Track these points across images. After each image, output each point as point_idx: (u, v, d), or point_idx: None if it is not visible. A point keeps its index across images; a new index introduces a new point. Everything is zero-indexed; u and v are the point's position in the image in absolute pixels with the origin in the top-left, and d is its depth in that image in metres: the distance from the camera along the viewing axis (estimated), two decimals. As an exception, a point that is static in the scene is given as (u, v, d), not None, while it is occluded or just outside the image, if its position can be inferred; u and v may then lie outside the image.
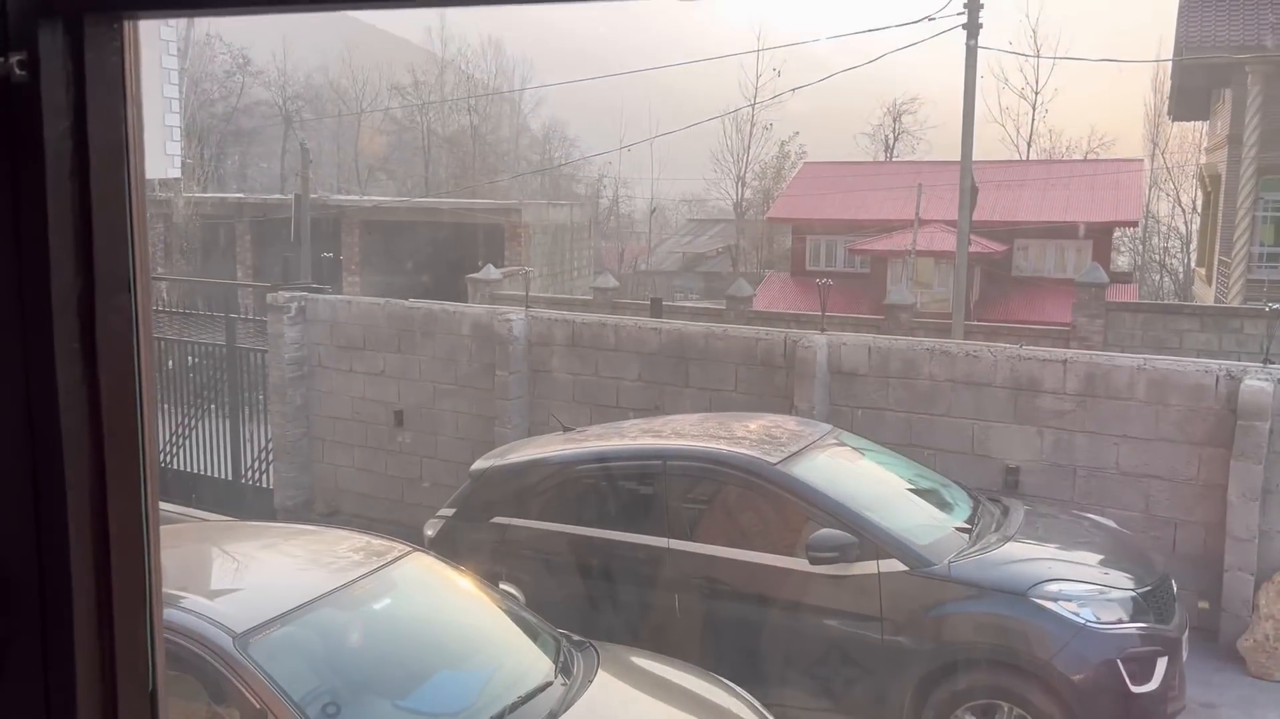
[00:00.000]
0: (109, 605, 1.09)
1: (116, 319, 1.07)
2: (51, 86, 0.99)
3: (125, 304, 1.07)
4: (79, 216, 1.02)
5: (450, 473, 9.88)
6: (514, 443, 7.87)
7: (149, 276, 1.10)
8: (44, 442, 1.03)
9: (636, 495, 6.30)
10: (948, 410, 7.97)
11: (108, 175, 1.04)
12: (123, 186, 1.06)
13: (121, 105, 1.05)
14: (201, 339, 12.08)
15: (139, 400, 1.10)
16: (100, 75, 1.02)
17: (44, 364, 1.02)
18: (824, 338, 8.32)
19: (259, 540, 5.35)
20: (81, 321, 1.04)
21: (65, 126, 1.00)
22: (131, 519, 1.09)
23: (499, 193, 37.23)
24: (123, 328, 1.07)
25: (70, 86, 1.00)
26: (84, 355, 1.04)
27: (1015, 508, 6.43)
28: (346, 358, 10.61)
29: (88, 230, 1.03)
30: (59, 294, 1.02)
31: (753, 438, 6.31)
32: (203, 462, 11.71)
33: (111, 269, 1.05)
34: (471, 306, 10.80)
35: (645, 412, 8.91)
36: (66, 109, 1.00)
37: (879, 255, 28.66)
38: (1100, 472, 7.53)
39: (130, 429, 1.09)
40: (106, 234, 1.05)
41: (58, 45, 0.99)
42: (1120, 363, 7.49)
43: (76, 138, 1.01)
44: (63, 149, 1.00)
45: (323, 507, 10.93)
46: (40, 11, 0.97)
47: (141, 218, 1.08)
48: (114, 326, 1.06)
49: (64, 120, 1.00)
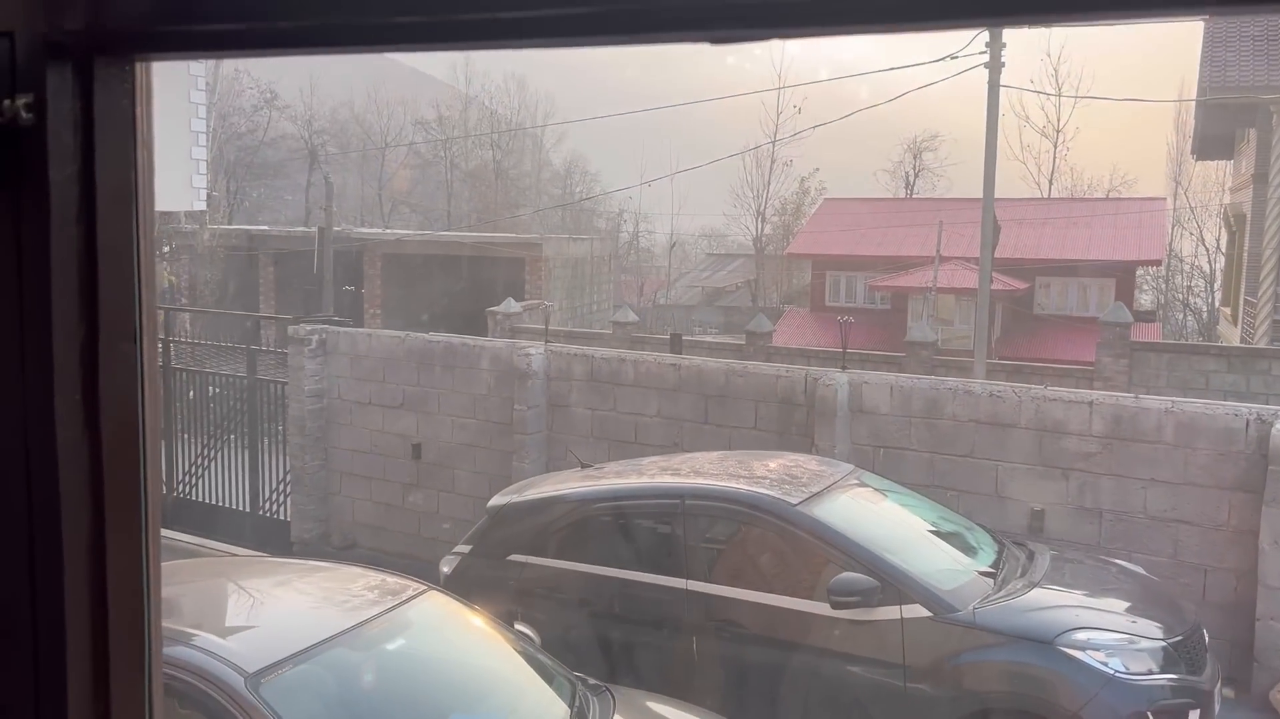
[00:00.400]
0: (105, 666, 1.04)
1: (120, 369, 1.03)
2: (59, 129, 0.95)
3: (130, 353, 1.04)
4: (84, 263, 0.99)
5: (467, 508, 9.82)
6: (531, 479, 7.81)
7: (155, 325, 1.07)
8: (41, 498, 0.99)
9: (654, 535, 6.22)
10: (971, 451, 7.86)
11: (115, 220, 1.01)
12: (130, 232, 1.02)
13: (132, 149, 1.02)
14: (223, 370, 12.13)
15: (142, 454, 1.06)
16: (110, 118, 0.99)
17: (43, 416, 0.98)
18: (845, 376, 8.25)
19: (273, 577, 5.31)
20: (84, 372, 1.00)
21: (72, 170, 0.97)
22: (131, 578, 1.05)
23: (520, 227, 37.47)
24: (127, 379, 1.03)
25: (78, 130, 0.97)
26: (85, 407, 1.00)
27: (1041, 552, 6.30)
28: (366, 391, 10.61)
29: (93, 277, 0.99)
30: (61, 343, 0.98)
31: (773, 477, 6.23)
32: (221, 492, 11.71)
33: (116, 317, 1.02)
34: (491, 340, 10.80)
35: (664, 448, 8.84)
36: (74, 152, 0.97)
37: (899, 291, 28.58)
38: (1127, 516, 7.39)
39: (133, 485, 1.05)
40: (112, 281, 1.01)
41: (66, 88, 0.96)
42: (1147, 405, 7.37)
43: (84, 182, 0.98)
44: (69, 193, 0.97)
45: (339, 540, 10.89)
46: (49, 53, 0.94)
47: (149, 265, 1.05)
48: (118, 377, 1.02)
49: (71, 164, 0.97)
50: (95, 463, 1.01)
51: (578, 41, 0.84)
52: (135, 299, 1.03)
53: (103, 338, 1.00)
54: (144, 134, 1.02)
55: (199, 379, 12.29)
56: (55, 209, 0.96)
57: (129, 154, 1.01)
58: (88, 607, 1.01)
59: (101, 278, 1.00)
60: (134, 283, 1.03)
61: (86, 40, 0.96)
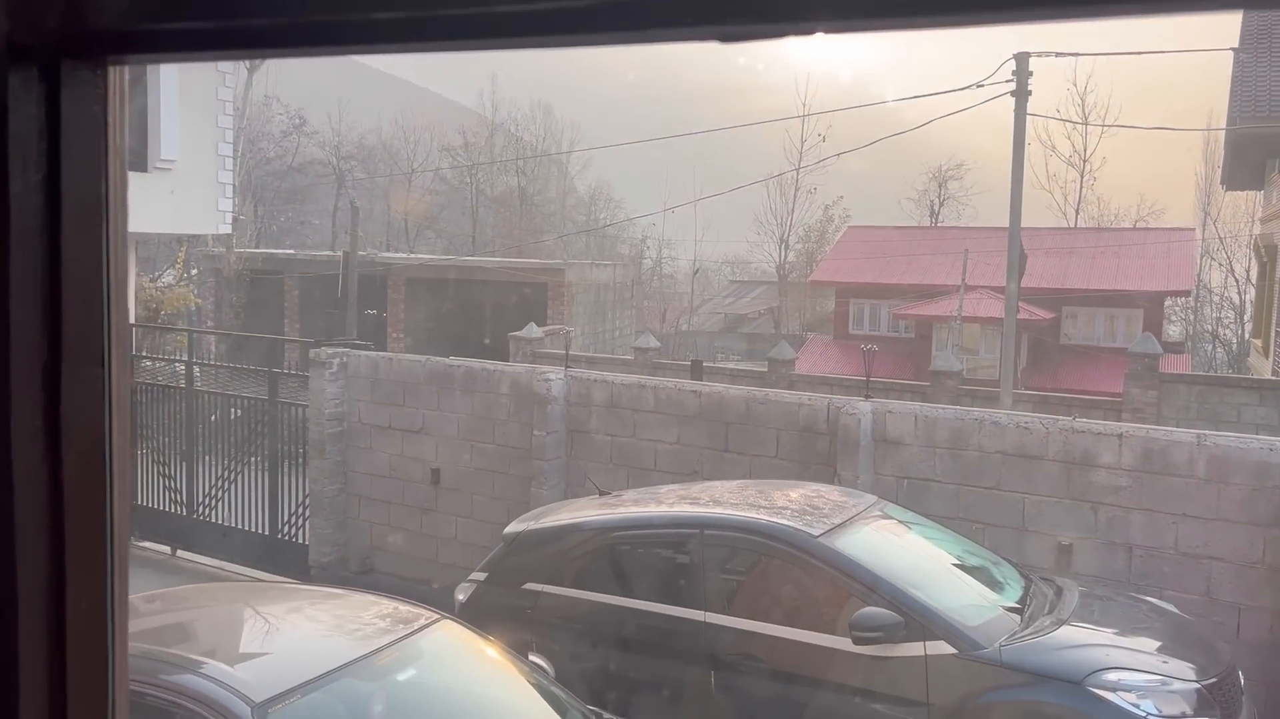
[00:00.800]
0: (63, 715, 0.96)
1: (86, 394, 0.96)
2: (21, 137, 0.89)
3: (96, 378, 0.97)
4: (47, 280, 0.92)
5: (485, 533, 9.74)
6: (549, 506, 7.73)
7: (126, 347, 1.00)
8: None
9: (672, 565, 6.12)
10: (997, 483, 7.71)
11: (83, 235, 0.94)
12: (99, 248, 0.96)
13: (102, 158, 0.95)
14: (245, 393, 12.15)
15: (109, 485, 0.98)
16: (78, 126, 0.93)
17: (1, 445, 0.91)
18: (869, 405, 8.12)
19: (285, 603, 5.24)
20: (46, 396, 0.93)
21: (35, 180, 0.91)
22: (93, 620, 0.97)
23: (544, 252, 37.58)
24: (92, 404, 0.96)
25: (42, 137, 0.91)
26: (46, 434, 0.93)
27: (1069, 588, 6.14)
28: (386, 414, 10.58)
29: (56, 295, 0.93)
30: (20, 364, 0.91)
31: (794, 508, 6.11)
32: (241, 515, 11.69)
33: (82, 338, 0.95)
34: (511, 365, 10.75)
35: (683, 476, 8.74)
36: (37, 161, 0.91)
37: (924, 320, 28.39)
38: (1157, 552, 7.21)
39: (97, 519, 0.98)
40: (79, 299, 0.94)
41: (30, 92, 0.89)
42: (1179, 438, 7.20)
43: (48, 193, 0.92)
44: (30, 205, 0.90)
45: (357, 564, 10.82)
46: (12, 54, 0.88)
47: (120, 282, 0.98)
48: (82, 402, 0.95)
49: (34, 173, 0.90)
50: (55, 495, 0.94)
51: (575, 39, 0.77)
52: (104, 319, 0.96)
53: (67, 361, 0.93)
54: (116, 142, 0.96)
55: (221, 401, 12.31)
56: (15, 222, 0.89)
57: (99, 164, 0.95)
58: (44, 650, 0.94)
59: (66, 296, 0.93)
60: (102, 302, 0.96)
61: (54, 41, 0.90)
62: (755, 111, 77.84)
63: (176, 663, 4.13)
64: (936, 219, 43.37)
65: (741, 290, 51.13)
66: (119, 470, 1.00)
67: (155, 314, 19.79)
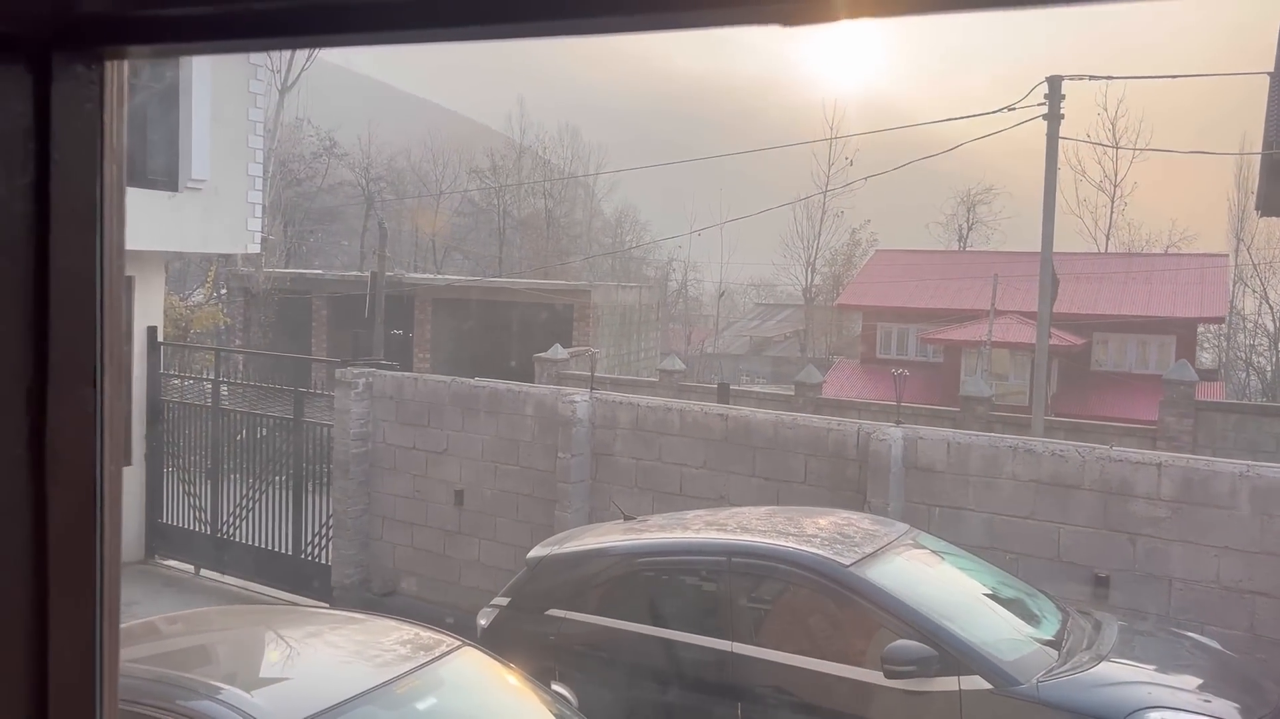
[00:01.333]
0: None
1: (75, 418, 0.87)
2: (6, 134, 0.81)
3: (87, 399, 0.88)
4: (34, 293, 0.84)
5: (509, 556, 9.64)
6: (572, 530, 7.62)
7: (121, 367, 0.91)
8: (-28, 570, 0.83)
9: (699, 593, 5.99)
10: (1031, 513, 7.52)
11: (73, 244, 0.86)
12: (93, 258, 0.87)
13: (96, 161, 0.87)
14: (271, 412, 12.15)
15: (99, 519, 0.90)
16: (70, 125, 0.84)
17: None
18: (900, 431, 7.97)
19: (305, 628, 5.15)
20: (31, 420, 0.84)
21: (22, 184, 0.83)
22: (79, 671, 0.88)
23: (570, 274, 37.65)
24: (82, 429, 0.88)
25: (31, 137, 0.83)
26: (31, 463, 0.85)
27: (1108, 623, 5.95)
28: (410, 435, 10.53)
29: (43, 309, 0.84)
30: (3, 385, 0.83)
31: (824, 536, 5.97)
32: (264, 535, 11.66)
33: (72, 357, 0.86)
34: (536, 387, 10.68)
35: (709, 501, 8.61)
36: (24, 163, 0.82)
37: (952, 345, 28.11)
38: (1198, 585, 6.99)
39: (85, 557, 0.89)
40: (69, 314, 0.86)
41: (17, 87, 0.81)
42: (1220, 469, 7.00)
43: (36, 197, 0.83)
44: (16, 210, 0.82)
45: (379, 586, 10.75)
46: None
47: (115, 296, 0.89)
48: (71, 427, 0.87)
49: (20, 176, 0.82)
50: (39, 530, 0.85)
51: (612, 24, 0.68)
52: (96, 336, 0.88)
53: (54, 381, 0.85)
54: (113, 143, 0.87)
55: (247, 420, 12.32)
56: (0, 228, 0.81)
57: (93, 166, 0.86)
58: (25, 707, 0.85)
59: (54, 311, 0.85)
60: (95, 317, 0.88)
61: (44, 30, 0.82)
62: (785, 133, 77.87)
63: (194, 688, 4.05)
64: (965, 244, 43.09)
65: (767, 313, 50.98)
66: (111, 503, 0.91)
67: (185, 333, 19.93)
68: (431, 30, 0.73)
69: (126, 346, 0.90)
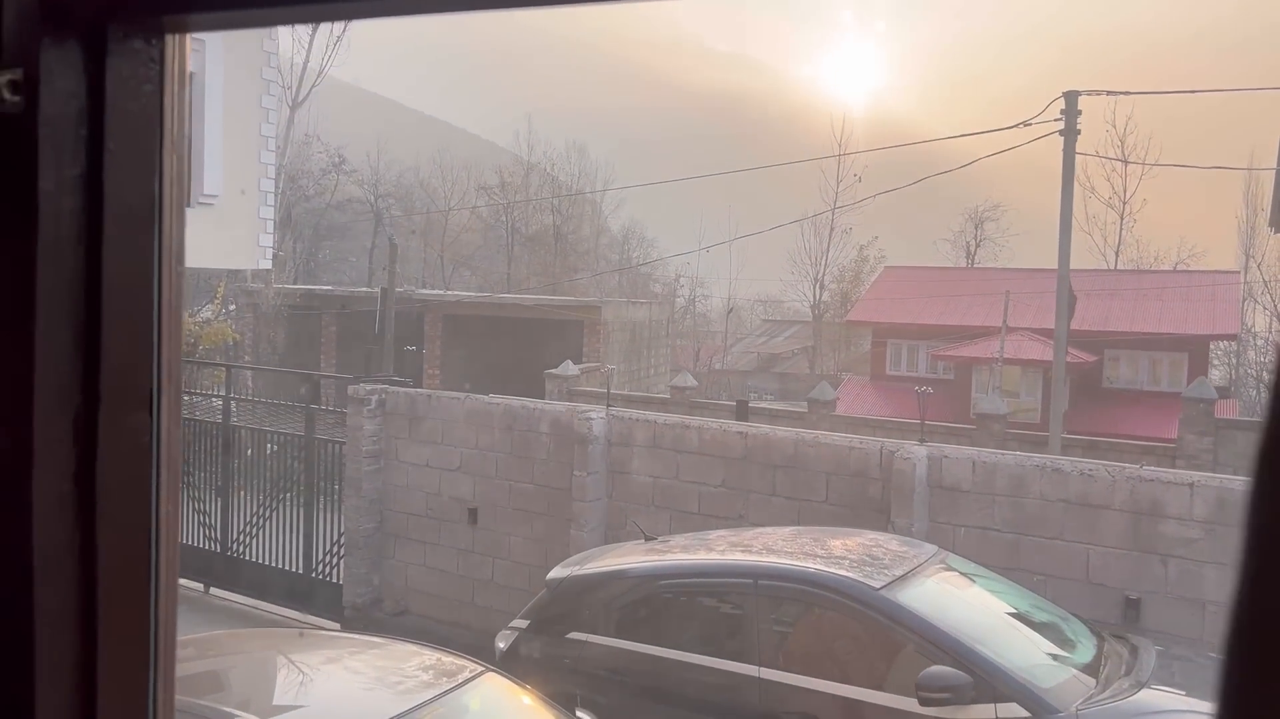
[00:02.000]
0: None
1: (129, 449, 0.75)
2: (55, 119, 0.69)
3: (143, 427, 0.76)
4: (84, 303, 0.72)
5: (523, 576, 9.50)
6: (592, 550, 7.48)
7: (179, 389, 0.79)
8: (10, 629, 0.71)
9: (725, 616, 5.84)
10: (1060, 533, 7.37)
11: (129, 247, 0.74)
12: (150, 263, 0.76)
13: (155, 151, 0.75)
14: (282, 429, 12.04)
15: (154, 563, 0.78)
16: (127, 109, 0.73)
17: (18, 513, 0.71)
18: (924, 449, 7.83)
19: (325, 652, 5.02)
20: (79, 453, 0.73)
21: (73, 176, 0.71)
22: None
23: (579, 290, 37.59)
24: (137, 462, 0.76)
25: (83, 120, 0.71)
26: (78, 501, 0.73)
27: (1145, 648, 5.79)
28: (423, 452, 10.40)
29: (95, 322, 0.72)
30: (46, 412, 0.71)
31: (852, 558, 5.82)
32: (275, 553, 11.53)
33: (127, 377, 0.74)
34: (551, 404, 10.56)
35: (728, 521, 8.46)
36: (75, 151, 0.71)
37: (963, 362, 27.94)
38: (1234, 608, 6.82)
39: (139, 607, 0.77)
40: (123, 327, 0.74)
41: (68, 62, 0.70)
42: (1255, 488, 6.84)
43: (88, 192, 0.72)
44: (65, 207, 0.71)
45: (391, 605, 10.60)
46: (46, 15, 0.69)
47: (174, 306, 0.77)
48: (125, 459, 0.75)
49: (70, 166, 0.71)
50: (87, 577, 0.73)
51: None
52: (153, 354, 0.76)
53: (106, 406, 0.73)
54: (173, 131, 0.76)
55: (257, 437, 12.21)
56: (45, 227, 0.69)
57: (151, 157, 0.75)
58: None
59: (106, 324, 0.73)
60: (151, 330, 0.76)
61: (102, 6, 0.71)
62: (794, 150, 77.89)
63: (208, 715, 3.92)
64: (973, 260, 42.97)
65: (775, 329, 50.87)
66: (167, 542, 0.79)
67: (194, 349, 19.86)
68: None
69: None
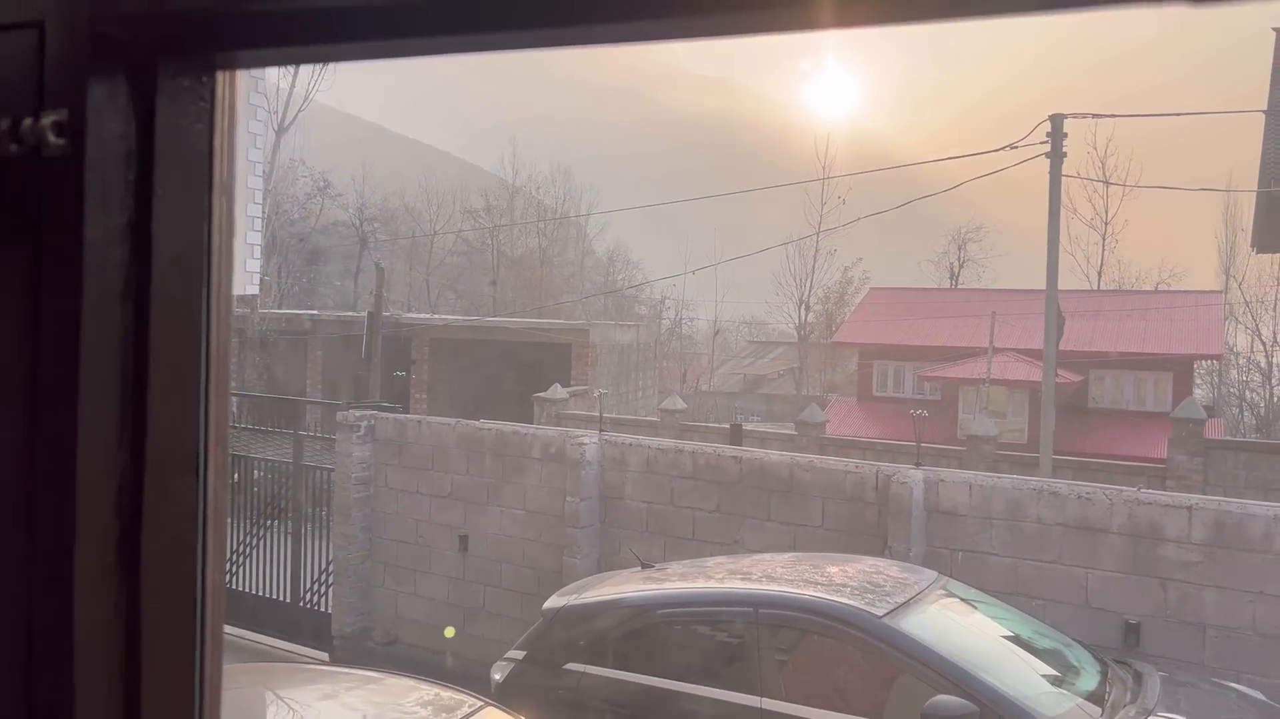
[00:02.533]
0: None
1: (175, 515, 0.70)
2: (102, 162, 0.64)
3: (189, 492, 0.71)
4: (130, 358, 0.67)
5: (515, 604, 9.39)
6: (589, 579, 7.39)
7: (226, 448, 0.74)
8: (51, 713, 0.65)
9: (726, 646, 5.76)
10: (1058, 557, 7.33)
11: (179, 300, 0.69)
12: (198, 316, 0.70)
13: (205, 195, 0.70)
14: (269, 455, 11.91)
15: (199, 639, 0.72)
16: (177, 151, 0.68)
17: (57, 586, 0.65)
18: (920, 473, 7.79)
19: (319, 687, 4.91)
20: (122, 522, 0.67)
21: (120, 224, 0.66)
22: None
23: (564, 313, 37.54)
24: (183, 529, 0.70)
25: (131, 163, 0.66)
26: (122, 572, 0.67)
27: (1149, 674, 5.74)
28: (413, 479, 10.30)
29: (142, 379, 0.67)
30: (89, 476, 0.65)
31: (853, 585, 5.76)
32: (262, 582, 11.37)
33: (174, 440, 0.69)
34: (543, 429, 10.48)
35: (724, 546, 8.39)
36: (124, 197, 0.66)
37: (950, 383, 28.00)
38: (1235, 632, 6.79)
39: (183, 685, 0.71)
40: (171, 385, 0.69)
41: (116, 101, 0.65)
42: (1254, 511, 6.83)
43: (135, 240, 0.67)
44: (113, 258, 0.65)
45: (381, 635, 10.46)
46: (94, 52, 0.64)
47: (223, 362, 0.72)
48: (171, 527, 0.69)
49: (119, 213, 0.65)
50: (131, 655, 0.68)
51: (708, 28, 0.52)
52: (201, 414, 0.71)
53: (152, 470, 0.68)
54: (223, 174, 0.71)
55: (244, 464, 12.07)
56: (90, 281, 0.64)
57: (201, 202, 0.70)
58: None
59: (155, 379, 0.67)
60: (198, 388, 0.71)
61: (148, 33, 0.66)
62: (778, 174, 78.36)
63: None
64: (956, 281, 43.19)
65: (760, 351, 50.95)
66: (213, 615, 0.73)
67: (179, 375, 19.69)
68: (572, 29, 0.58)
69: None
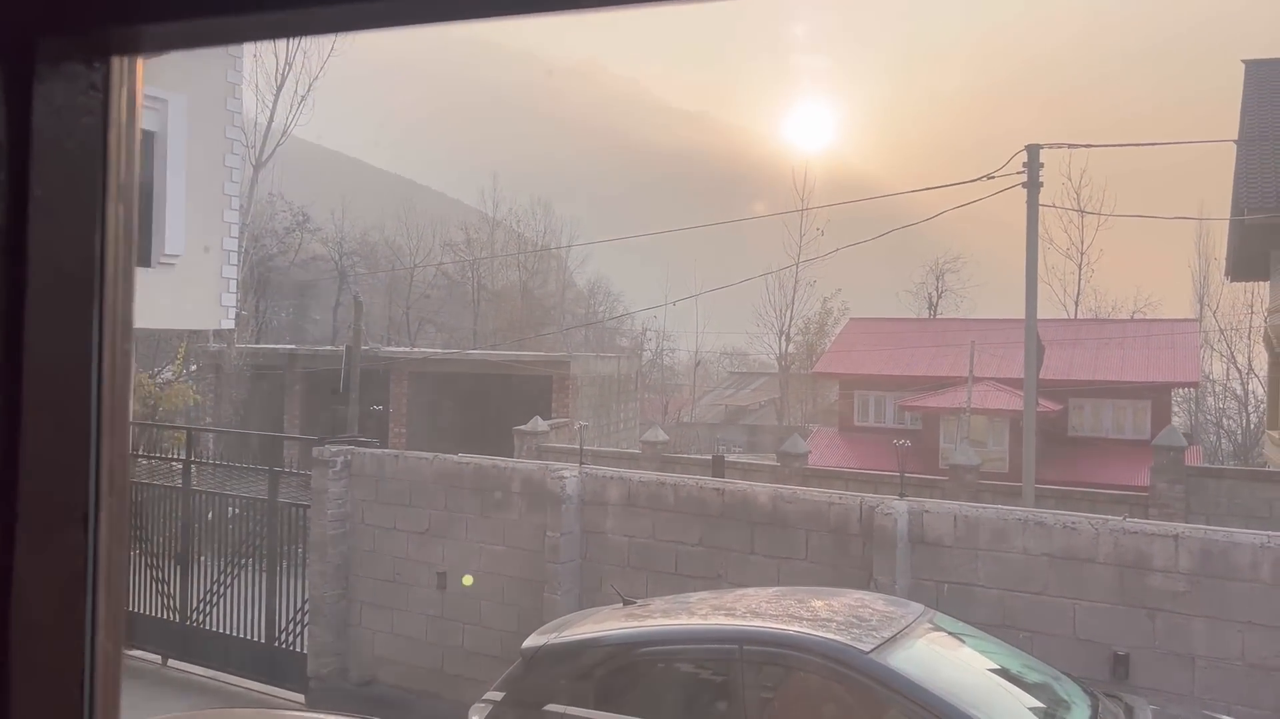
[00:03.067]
0: None
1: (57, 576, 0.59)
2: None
3: (76, 548, 0.60)
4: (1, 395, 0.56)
5: (495, 642, 9.20)
6: (569, 616, 7.23)
7: (125, 497, 0.63)
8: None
9: (710, 684, 5.62)
10: (1044, 588, 7.23)
11: (61, 322, 0.58)
12: (88, 342, 0.60)
13: (97, 199, 0.60)
14: (243, 492, 11.69)
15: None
16: (59, 144, 0.57)
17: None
18: (905, 504, 7.70)
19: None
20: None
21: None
22: None
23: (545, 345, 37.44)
24: (69, 592, 0.59)
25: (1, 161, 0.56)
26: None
27: (1140, 707, 5.64)
28: (391, 515, 10.11)
29: (14, 419, 0.56)
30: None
31: (839, 619, 5.64)
32: (235, 622, 11.11)
33: (56, 487, 0.58)
34: (523, 462, 10.33)
35: (707, 581, 8.26)
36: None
37: (930, 412, 28.03)
38: (1223, 663, 6.71)
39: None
40: (51, 424, 0.58)
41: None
42: (1240, 540, 6.76)
43: (8, 253, 0.56)
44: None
45: (358, 675, 10.22)
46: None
47: (120, 394, 0.61)
48: (51, 590, 0.58)
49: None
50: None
51: None
52: (90, 455, 0.60)
53: (25, 524, 0.57)
54: (120, 175, 0.60)
55: (218, 501, 11.84)
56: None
57: (92, 205, 0.59)
58: None
59: (29, 421, 0.57)
60: (89, 427, 0.60)
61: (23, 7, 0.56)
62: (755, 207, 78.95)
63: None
64: (935, 311, 43.42)
65: (741, 382, 51.01)
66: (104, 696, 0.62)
67: (154, 411, 19.41)
68: None
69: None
